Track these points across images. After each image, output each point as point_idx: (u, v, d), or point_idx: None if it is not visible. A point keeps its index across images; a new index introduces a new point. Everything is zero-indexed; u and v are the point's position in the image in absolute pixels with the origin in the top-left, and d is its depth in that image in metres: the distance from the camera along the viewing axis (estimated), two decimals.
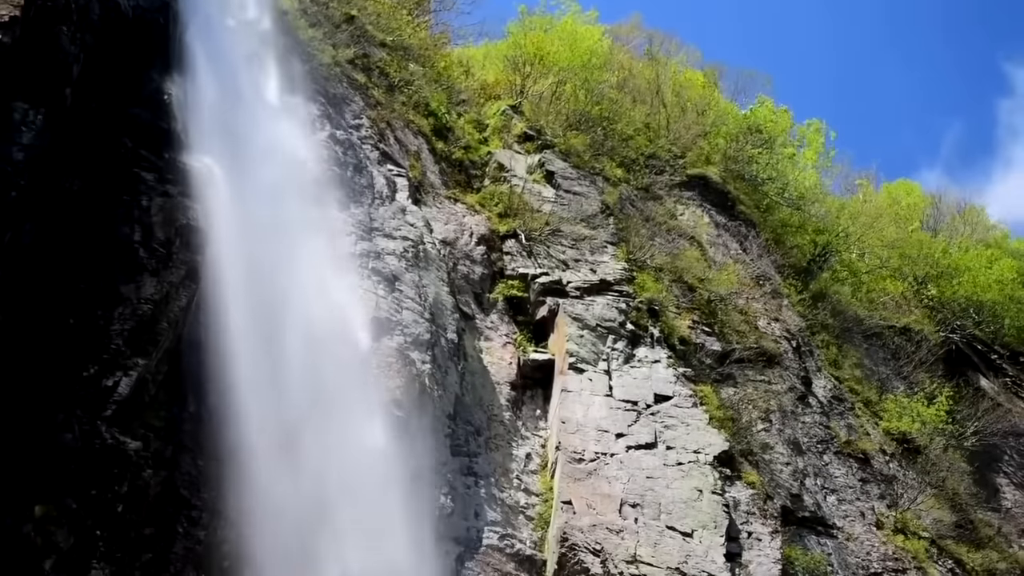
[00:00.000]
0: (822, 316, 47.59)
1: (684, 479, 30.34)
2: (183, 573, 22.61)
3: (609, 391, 32.46)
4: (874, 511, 36.35)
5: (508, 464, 30.30)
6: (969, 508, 40.60)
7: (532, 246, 37.57)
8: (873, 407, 43.34)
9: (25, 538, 19.67)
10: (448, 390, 29.70)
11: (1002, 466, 45.92)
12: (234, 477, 22.95)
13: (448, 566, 26.32)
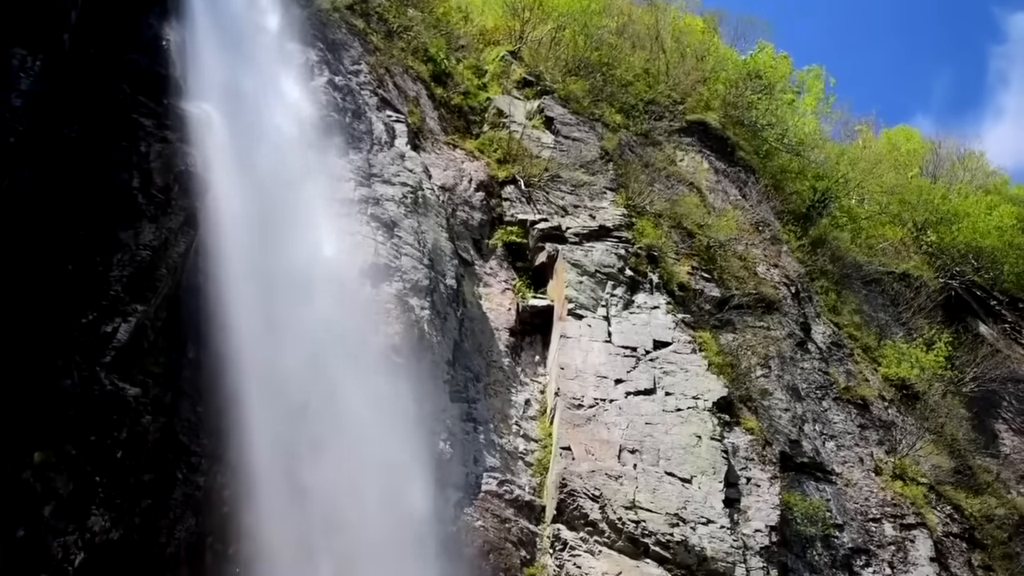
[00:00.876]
0: (821, 262, 47.55)
1: (683, 425, 30.37)
2: (182, 519, 22.63)
3: (608, 337, 32.46)
4: (873, 457, 36.41)
5: (507, 410, 30.34)
6: (967, 454, 40.69)
7: (531, 192, 37.49)
8: (872, 353, 43.36)
9: (24, 484, 19.68)
10: (447, 336, 29.70)
11: (1001, 412, 45.99)
12: (233, 423, 22.98)
13: (448, 511, 26.34)
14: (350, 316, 26.68)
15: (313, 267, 26.31)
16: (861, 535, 33.05)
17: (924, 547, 33.29)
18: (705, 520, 28.05)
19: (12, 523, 19.36)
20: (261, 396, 23.38)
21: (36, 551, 19.57)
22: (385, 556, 23.55)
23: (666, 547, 27.08)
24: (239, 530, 22.64)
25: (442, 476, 26.90)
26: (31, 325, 20.76)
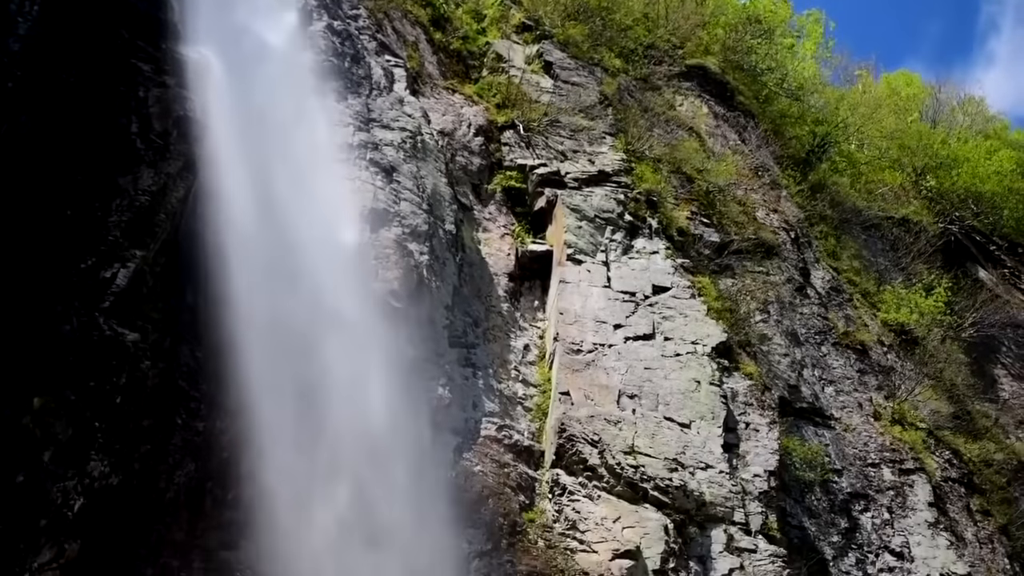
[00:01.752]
0: (821, 207, 47.51)
1: (682, 370, 30.40)
2: (182, 464, 22.65)
3: (607, 282, 32.43)
4: (871, 402, 36.47)
5: (506, 355, 30.34)
6: (966, 399, 40.78)
7: (530, 137, 37.38)
8: (871, 298, 43.39)
9: (24, 429, 19.67)
10: (446, 281, 29.66)
11: (1000, 357, 46.06)
12: (232, 368, 22.99)
13: (446, 456, 26.37)
14: (349, 261, 26.64)
15: (311, 212, 26.23)
16: (860, 480, 33.15)
17: (923, 492, 33.40)
18: (704, 465, 28.11)
19: (12, 468, 19.37)
20: (260, 341, 23.38)
21: (35, 496, 19.58)
22: (384, 499, 23.59)
23: (665, 492, 27.14)
24: (238, 475, 22.67)
25: (440, 421, 26.92)
26: (30, 271, 20.70)
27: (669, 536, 26.39)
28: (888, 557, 31.49)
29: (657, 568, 25.65)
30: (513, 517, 25.70)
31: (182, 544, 22.12)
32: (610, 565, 25.40)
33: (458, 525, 24.83)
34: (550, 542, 25.69)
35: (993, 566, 32.83)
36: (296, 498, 22.83)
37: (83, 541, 20.17)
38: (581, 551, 25.71)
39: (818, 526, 31.19)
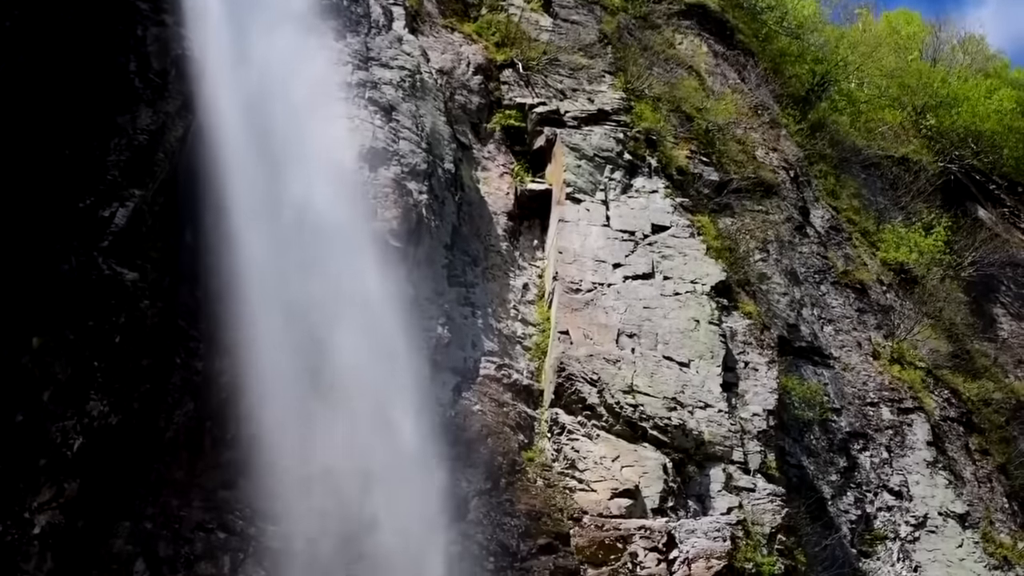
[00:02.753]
0: (820, 146, 47.40)
1: (681, 309, 30.36)
2: (181, 403, 22.69)
3: (606, 221, 32.35)
4: (871, 341, 36.50)
5: (505, 294, 30.29)
6: (965, 338, 40.82)
7: (530, 76, 37.22)
8: (871, 237, 43.36)
9: (23, 369, 19.68)
10: (445, 220, 29.58)
11: (999, 296, 46.06)
12: (231, 308, 22.96)
13: (445, 396, 26.38)
14: (348, 200, 26.57)
15: (310, 151, 26.14)
16: (858, 419, 33.23)
17: (921, 431, 33.47)
18: (703, 404, 28.11)
19: (11, 408, 19.38)
20: (258, 281, 23.35)
21: (35, 436, 19.61)
22: (383, 437, 23.61)
23: (664, 431, 27.15)
24: (237, 415, 22.69)
25: (440, 360, 26.90)
26: (29, 210, 20.64)
27: (668, 475, 26.41)
28: (886, 496, 31.60)
29: (656, 507, 25.68)
30: (512, 456, 25.72)
31: (182, 483, 22.16)
32: (609, 504, 25.43)
33: (457, 464, 24.84)
34: (549, 481, 25.71)
35: (991, 505, 32.95)
36: (294, 437, 22.85)
37: (82, 480, 20.21)
38: (580, 490, 25.73)
39: (817, 465, 31.29)
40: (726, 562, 24.73)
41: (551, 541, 24.18)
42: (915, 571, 30.11)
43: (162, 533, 21.48)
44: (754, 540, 25.87)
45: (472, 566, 23.17)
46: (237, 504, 22.25)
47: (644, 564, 24.38)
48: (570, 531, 24.65)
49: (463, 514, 24.15)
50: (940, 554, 30.52)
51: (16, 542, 19.15)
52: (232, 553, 21.89)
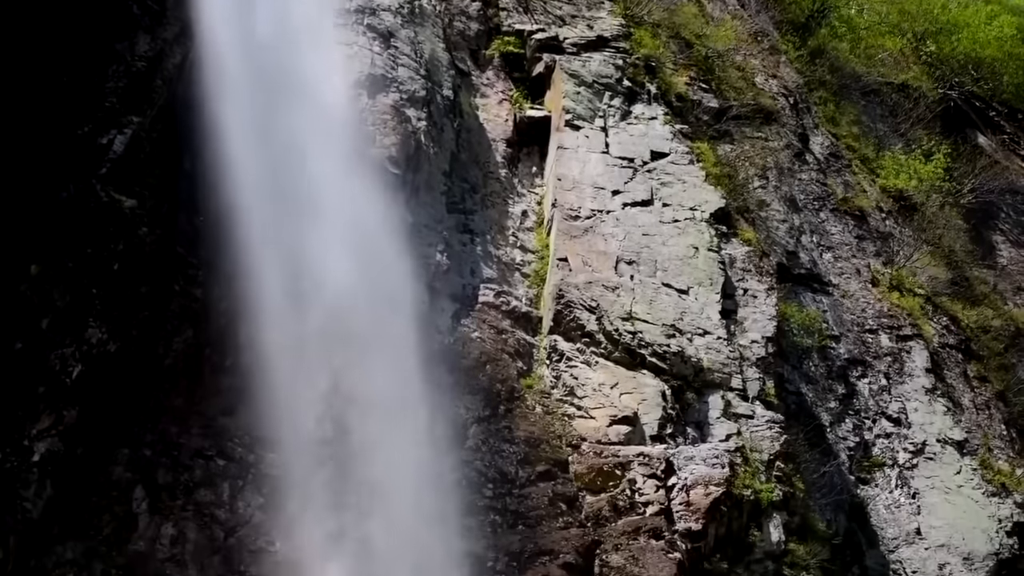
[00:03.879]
0: (820, 73, 47.15)
1: (680, 236, 30.31)
2: (180, 330, 22.71)
3: (605, 148, 32.23)
4: (870, 268, 36.44)
5: (504, 221, 30.22)
6: (964, 265, 40.74)
7: (528, 2, 36.93)
8: (870, 164, 43.19)
9: (22, 296, 19.66)
10: (444, 147, 29.48)
11: (998, 223, 45.94)
12: (230, 234, 22.90)
13: (444, 323, 26.38)
14: (346, 127, 26.46)
15: (308, 77, 25.99)
16: (857, 346, 33.22)
17: (920, 358, 33.46)
18: (702, 331, 28.12)
19: (10, 336, 19.38)
20: (257, 207, 23.28)
21: (34, 363, 19.64)
22: (382, 364, 23.61)
23: (663, 358, 27.17)
24: (236, 342, 22.68)
25: (438, 287, 26.90)
26: (28, 137, 20.53)
27: (667, 402, 26.45)
28: (885, 423, 31.64)
29: (655, 434, 25.74)
30: (511, 383, 25.75)
31: (181, 410, 22.21)
32: (608, 431, 25.48)
33: (456, 391, 24.86)
34: (548, 408, 25.74)
35: (990, 432, 32.99)
36: (293, 363, 22.85)
37: (81, 408, 20.24)
38: (579, 417, 25.77)
39: (815, 392, 31.32)
40: (724, 489, 24.80)
41: (550, 468, 24.24)
42: (913, 498, 30.20)
43: (161, 460, 21.54)
44: (752, 467, 25.93)
45: (471, 493, 23.23)
46: (236, 431, 22.31)
47: (642, 491, 24.44)
48: (569, 458, 24.70)
49: (462, 441, 24.20)
50: (938, 481, 30.60)
51: (15, 469, 19.20)
52: (231, 480, 21.96)
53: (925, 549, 29.17)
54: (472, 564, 22.11)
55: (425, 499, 22.51)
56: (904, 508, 30.00)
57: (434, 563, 21.87)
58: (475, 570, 22.07)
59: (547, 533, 23.04)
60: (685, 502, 24.52)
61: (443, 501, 22.72)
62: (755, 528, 25.23)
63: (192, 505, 21.38)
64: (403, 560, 21.66)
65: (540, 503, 23.56)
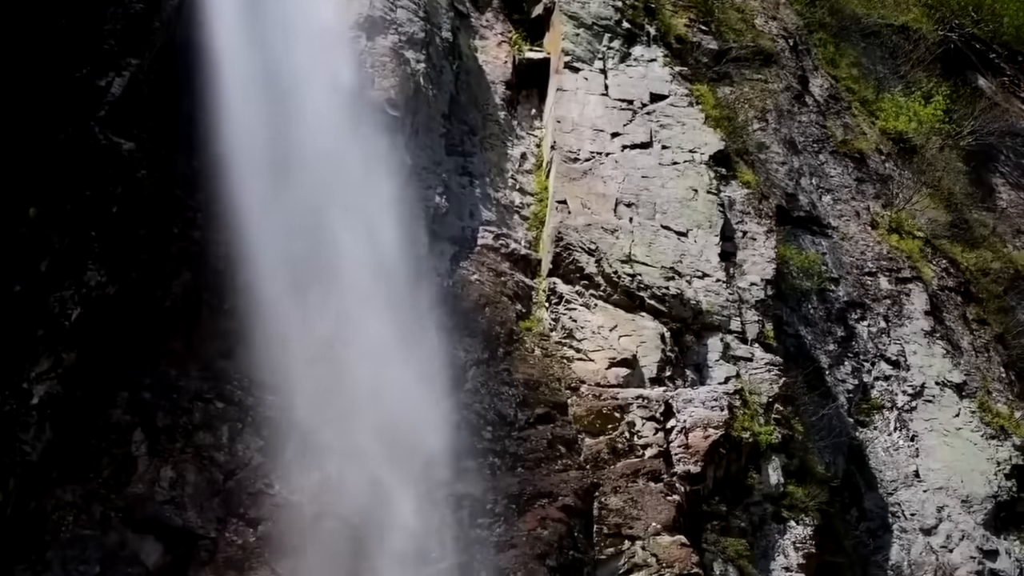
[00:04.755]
0: (820, 14, 46.80)
1: (679, 178, 30.27)
2: (178, 273, 22.68)
3: (605, 90, 32.14)
4: (869, 211, 36.35)
5: (503, 164, 30.16)
6: (964, 208, 40.61)
7: None
8: (870, 106, 42.98)
9: (21, 239, 19.61)
10: (443, 89, 29.40)
11: (998, 166, 45.77)
12: (228, 177, 22.83)
13: (443, 266, 26.37)
14: (345, 69, 26.35)
15: (307, 20, 25.85)
16: (856, 289, 33.17)
17: (919, 300, 33.39)
18: (701, 274, 28.13)
19: (8, 278, 19.35)
20: (255, 149, 23.20)
21: (33, 306, 19.60)
22: (381, 306, 23.61)
23: (662, 300, 27.19)
24: (235, 285, 22.65)
25: (437, 230, 26.88)
26: (25, 79, 20.42)
27: (666, 344, 26.48)
28: (884, 365, 31.65)
29: (654, 376, 25.78)
30: (510, 326, 25.75)
31: (180, 353, 22.22)
32: (607, 373, 25.53)
33: (455, 334, 24.87)
34: (547, 350, 25.77)
35: (989, 374, 32.98)
36: (291, 308, 22.84)
37: (81, 350, 20.23)
38: (578, 359, 25.80)
39: (814, 335, 31.30)
40: (723, 431, 24.87)
41: (549, 410, 24.28)
42: (912, 440, 30.25)
43: (160, 403, 21.55)
44: (751, 409, 26.00)
45: (469, 435, 23.26)
46: (235, 374, 22.31)
47: (641, 433, 24.51)
48: (568, 400, 24.75)
49: (461, 384, 24.21)
50: (937, 423, 30.61)
51: (14, 412, 19.20)
52: (231, 423, 21.99)
53: (923, 491, 29.24)
54: (471, 506, 22.15)
55: (424, 441, 22.54)
56: (903, 450, 30.06)
57: (434, 505, 21.93)
58: (474, 512, 22.11)
59: (546, 476, 23.09)
60: (684, 444, 24.59)
61: (442, 443, 22.75)
62: (754, 471, 25.35)
63: (191, 448, 21.40)
64: (402, 503, 21.72)
65: (539, 446, 23.61)
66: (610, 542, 22.70)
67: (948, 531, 28.71)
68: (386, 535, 21.36)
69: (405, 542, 21.41)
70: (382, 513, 21.53)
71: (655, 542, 22.60)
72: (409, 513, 21.70)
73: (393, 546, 21.28)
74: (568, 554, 22.02)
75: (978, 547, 28.52)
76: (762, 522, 25.09)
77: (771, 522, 25.15)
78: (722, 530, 24.15)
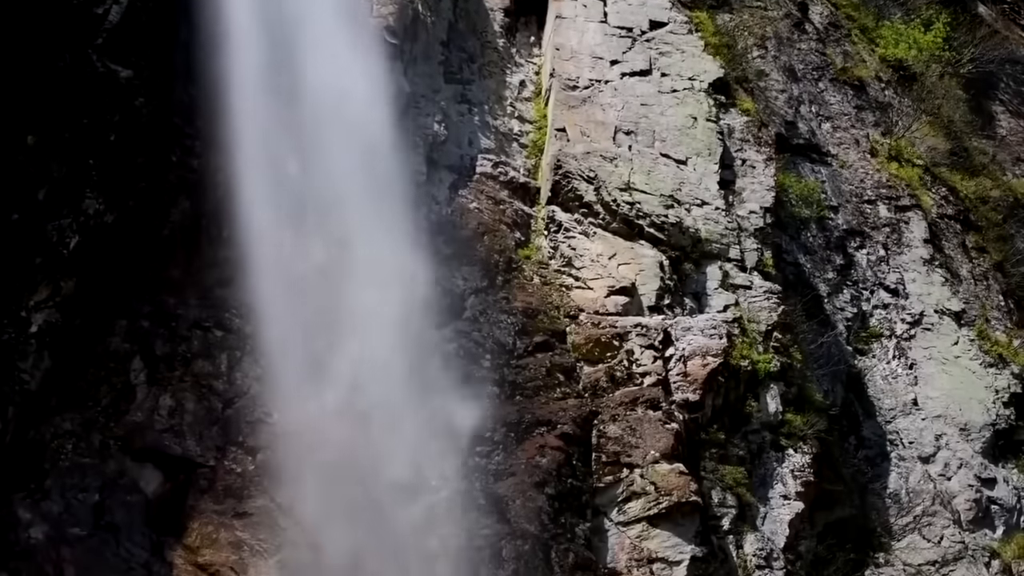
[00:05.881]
0: None
1: (678, 106, 30.17)
2: (176, 201, 22.64)
3: (604, 17, 31.91)
4: (868, 138, 36.21)
5: (502, 91, 30.05)
6: (964, 136, 40.41)
7: None
8: (869, 34, 42.68)
9: (18, 167, 19.55)
10: (441, 16, 29.26)
11: (998, 94, 45.53)
12: (227, 104, 22.70)
13: (442, 194, 26.32)
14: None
15: None
16: (856, 217, 33.10)
17: (918, 229, 33.33)
18: (700, 202, 28.10)
19: (7, 207, 19.31)
20: (254, 76, 23.06)
21: (31, 235, 19.60)
22: (379, 236, 23.55)
23: (660, 229, 27.17)
24: (233, 212, 22.58)
25: (436, 158, 26.87)
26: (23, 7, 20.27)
27: (664, 273, 26.50)
28: (883, 294, 31.64)
29: (652, 304, 25.82)
30: (508, 254, 25.75)
31: (178, 281, 22.25)
32: (605, 301, 25.55)
33: (453, 262, 24.84)
34: (546, 279, 25.78)
35: (988, 303, 32.98)
36: (290, 235, 22.79)
37: (79, 279, 20.30)
38: (577, 288, 25.83)
39: (813, 263, 31.26)
40: (722, 359, 24.91)
41: (547, 339, 24.31)
42: (910, 368, 30.30)
43: (159, 331, 21.62)
44: (750, 337, 26.03)
45: (468, 363, 23.28)
46: (234, 302, 22.33)
47: (640, 361, 24.56)
48: (566, 329, 24.79)
49: (459, 312, 24.24)
50: (935, 351, 30.66)
51: (13, 341, 19.28)
52: (229, 351, 22.07)
53: (922, 419, 29.32)
54: (470, 434, 22.19)
55: (423, 370, 22.54)
56: (901, 379, 30.12)
57: (432, 434, 21.97)
58: (473, 440, 22.16)
59: (545, 404, 23.15)
60: (682, 373, 24.64)
61: (441, 372, 22.78)
62: (752, 399, 25.41)
63: (190, 376, 21.49)
64: (401, 432, 21.76)
65: (538, 374, 23.65)
66: (608, 470, 22.80)
67: (946, 459, 28.83)
68: (385, 464, 21.41)
69: (404, 471, 21.48)
70: (381, 442, 21.56)
71: (653, 470, 22.68)
72: (408, 442, 21.74)
73: (392, 475, 21.35)
74: (566, 482, 22.12)
75: (976, 475, 28.66)
76: (760, 450, 25.21)
77: (769, 450, 25.27)
78: (720, 458, 24.26)
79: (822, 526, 25.89)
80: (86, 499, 19.61)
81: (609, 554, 22.06)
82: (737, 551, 23.34)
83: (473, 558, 20.85)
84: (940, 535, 27.79)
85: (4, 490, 19.03)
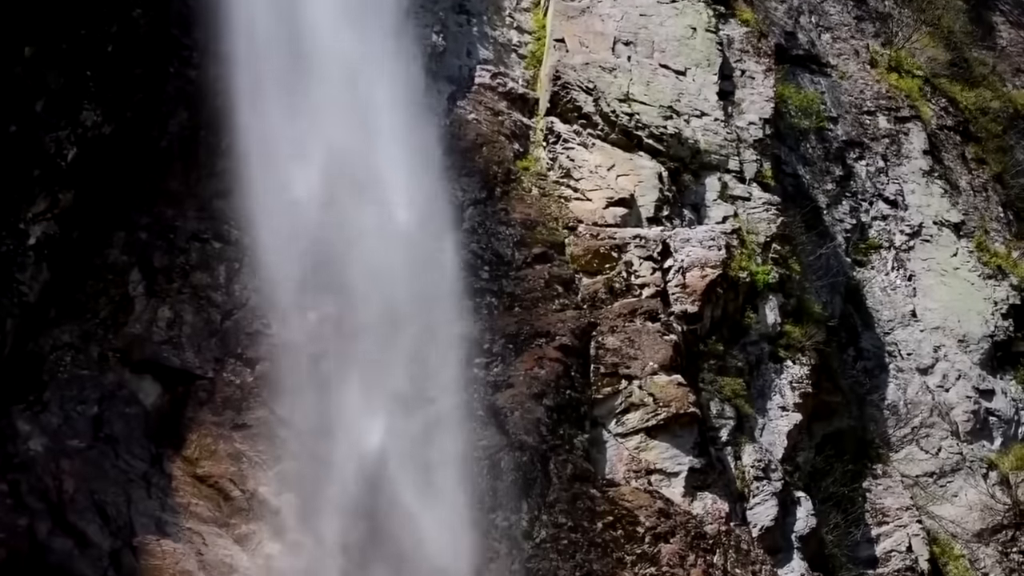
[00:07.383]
0: None
1: (678, 17, 29.96)
2: (175, 112, 22.55)
3: None
4: (868, 49, 36.06)
5: (501, 2, 29.76)
6: (963, 46, 40.17)
7: None
8: None
9: (15, 79, 19.47)
10: None
11: (998, 4, 45.18)
12: (224, 15, 22.56)
13: (440, 105, 26.21)
14: None
15: None
16: (855, 128, 33.05)
17: (918, 140, 33.31)
18: (699, 113, 28.00)
19: (4, 119, 19.24)
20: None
21: (28, 146, 19.56)
22: (377, 144, 23.51)
23: (659, 139, 27.10)
24: (232, 123, 22.49)
25: (434, 69, 26.71)
26: None
27: (663, 184, 26.44)
28: (882, 205, 31.66)
29: (651, 215, 25.79)
30: (507, 165, 25.68)
31: (176, 193, 22.16)
32: (604, 212, 25.51)
33: (452, 173, 24.75)
34: (544, 190, 25.73)
35: (987, 214, 33.01)
36: (286, 146, 22.72)
37: (77, 191, 20.28)
38: (575, 199, 25.78)
39: (812, 174, 31.25)
40: (721, 271, 24.94)
41: (546, 250, 24.30)
42: (909, 280, 30.37)
43: (157, 243, 21.54)
44: (749, 249, 26.03)
45: (467, 275, 23.26)
46: (232, 213, 22.23)
47: (639, 273, 24.57)
48: (565, 240, 24.78)
49: (458, 223, 24.17)
50: (934, 263, 30.74)
51: (12, 253, 19.29)
52: (228, 263, 21.99)
53: (920, 331, 29.45)
54: (469, 346, 22.22)
55: (422, 281, 22.54)
56: (900, 290, 30.21)
57: (432, 344, 22.00)
58: (472, 352, 22.19)
59: (543, 315, 23.17)
60: (681, 284, 24.65)
61: (439, 283, 22.77)
62: (751, 310, 25.46)
63: (188, 288, 21.44)
64: (400, 341, 21.79)
65: (536, 285, 23.66)
66: (607, 381, 22.88)
67: (944, 370, 28.97)
68: (385, 375, 21.46)
69: (403, 382, 21.53)
70: (380, 353, 21.60)
71: (652, 381, 22.76)
72: (407, 353, 21.77)
73: (392, 385, 21.40)
74: (565, 393, 22.18)
75: (974, 386, 28.83)
76: (759, 361, 25.26)
77: (768, 361, 25.33)
78: (719, 369, 24.32)
79: (820, 437, 26.04)
80: (85, 411, 19.61)
81: (607, 465, 22.16)
82: (735, 462, 23.42)
83: (472, 469, 20.94)
84: (938, 446, 27.99)
85: (3, 402, 19.05)
